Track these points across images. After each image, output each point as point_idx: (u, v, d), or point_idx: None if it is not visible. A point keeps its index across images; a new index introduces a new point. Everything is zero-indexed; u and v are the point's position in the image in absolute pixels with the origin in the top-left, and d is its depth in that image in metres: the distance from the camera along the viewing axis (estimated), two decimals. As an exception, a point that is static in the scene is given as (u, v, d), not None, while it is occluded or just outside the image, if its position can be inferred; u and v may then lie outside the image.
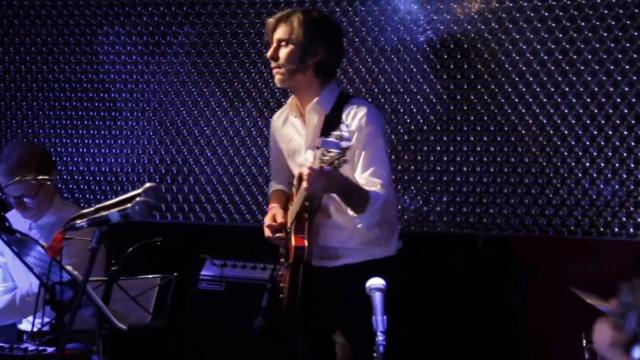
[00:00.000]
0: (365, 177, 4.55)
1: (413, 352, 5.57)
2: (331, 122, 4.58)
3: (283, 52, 4.65)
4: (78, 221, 3.69)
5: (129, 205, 3.63)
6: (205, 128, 6.34)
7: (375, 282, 3.94)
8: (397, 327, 5.39)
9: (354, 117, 4.60)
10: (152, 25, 6.43)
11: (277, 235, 4.78)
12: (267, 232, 4.81)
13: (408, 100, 5.84)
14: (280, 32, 4.66)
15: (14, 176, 5.07)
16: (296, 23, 4.64)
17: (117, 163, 6.55)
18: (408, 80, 5.83)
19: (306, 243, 4.59)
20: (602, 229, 5.46)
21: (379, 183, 4.53)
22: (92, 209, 3.75)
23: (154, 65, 6.45)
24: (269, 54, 4.70)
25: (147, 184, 3.80)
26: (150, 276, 4.71)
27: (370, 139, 4.57)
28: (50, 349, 4.80)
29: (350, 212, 4.52)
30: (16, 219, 5.21)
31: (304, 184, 4.27)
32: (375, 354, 3.82)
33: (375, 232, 4.65)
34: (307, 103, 4.71)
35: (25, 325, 5.29)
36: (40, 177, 5.12)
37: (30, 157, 5.25)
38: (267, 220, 4.83)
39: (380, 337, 3.82)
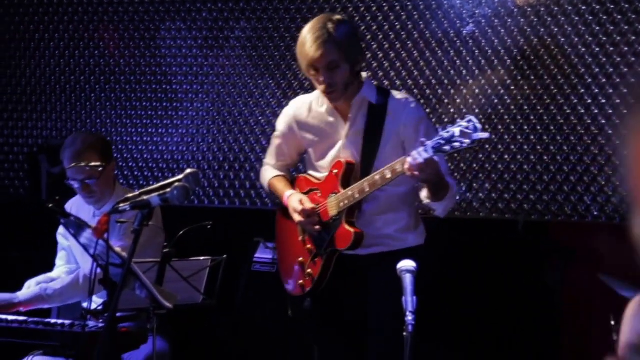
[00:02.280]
0: None
1: (456, 330, 5.74)
2: (377, 114, 4.60)
3: (335, 75, 4.54)
4: (122, 205, 3.91)
5: (168, 190, 3.83)
6: (260, 118, 6.45)
7: (406, 264, 3.98)
8: (442, 307, 5.58)
9: (406, 109, 4.59)
10: (210, 21, 6.58)
11: (310, 220, 4.67)
12: (299, 217, 4.68)
13: (452, 90, 5.92)
14: (325, 59, 4.51)
15: (79, 160, 5.19)
16: (335, 43, 4.50)
17: (178, 151, 6.69)
18: (452, 71, 5.92)
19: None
20: (639, 214, 5.53)
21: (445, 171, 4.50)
22: (136, 193, 3.94)
23: (213, 59, 6.58)
24: (322, 80, 4.54)
25: (188, 170, 3.91)
26: (201, 258, 4.78)
27: (428, 129, 4.53)
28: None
29: (426, 200, 4.52)
30: (80, 207, 5.38)
31: (408, 172, 4.20)
32: (405, 334, 3.84)
33: (408, 220, 4.67)
34: (349, 99, 4.64)
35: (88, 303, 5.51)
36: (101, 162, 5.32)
37: (94, 142, 5.33)
38: (297, 204, 4.69)
39: (409, 317, 3.83)
